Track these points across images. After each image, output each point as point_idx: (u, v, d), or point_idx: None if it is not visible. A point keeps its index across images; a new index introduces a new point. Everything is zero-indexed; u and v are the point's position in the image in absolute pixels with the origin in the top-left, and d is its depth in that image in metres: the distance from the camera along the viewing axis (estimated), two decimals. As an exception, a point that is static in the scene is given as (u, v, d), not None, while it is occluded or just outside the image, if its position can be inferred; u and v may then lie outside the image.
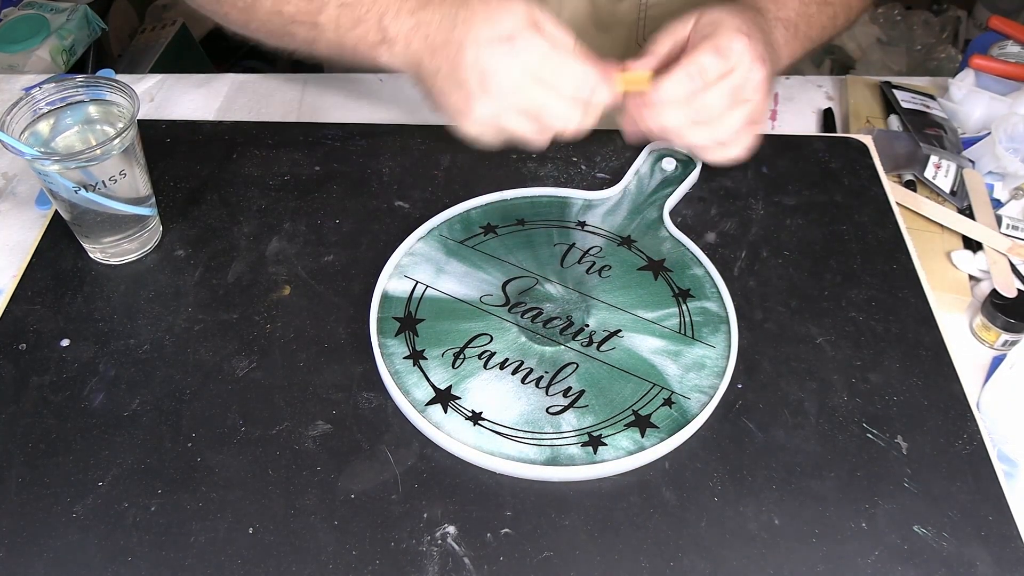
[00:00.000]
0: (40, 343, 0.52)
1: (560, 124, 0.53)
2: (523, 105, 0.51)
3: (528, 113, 0.52)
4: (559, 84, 0.51)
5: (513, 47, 0.49)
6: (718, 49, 0.53)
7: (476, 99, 0.51)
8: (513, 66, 0.50)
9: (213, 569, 0.42)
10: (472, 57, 0.50)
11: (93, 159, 0.51)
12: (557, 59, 0.50)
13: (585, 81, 0.51)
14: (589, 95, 0.52)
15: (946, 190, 0.65)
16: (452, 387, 0.49)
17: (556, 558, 0.43)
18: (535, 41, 0.50)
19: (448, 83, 0.51)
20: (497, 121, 0.52)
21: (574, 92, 0.51)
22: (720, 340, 0.52)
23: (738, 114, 0.55)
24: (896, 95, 0.73)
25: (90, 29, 1.05)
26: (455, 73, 0.51)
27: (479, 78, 0.50)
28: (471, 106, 0.51)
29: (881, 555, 0.43)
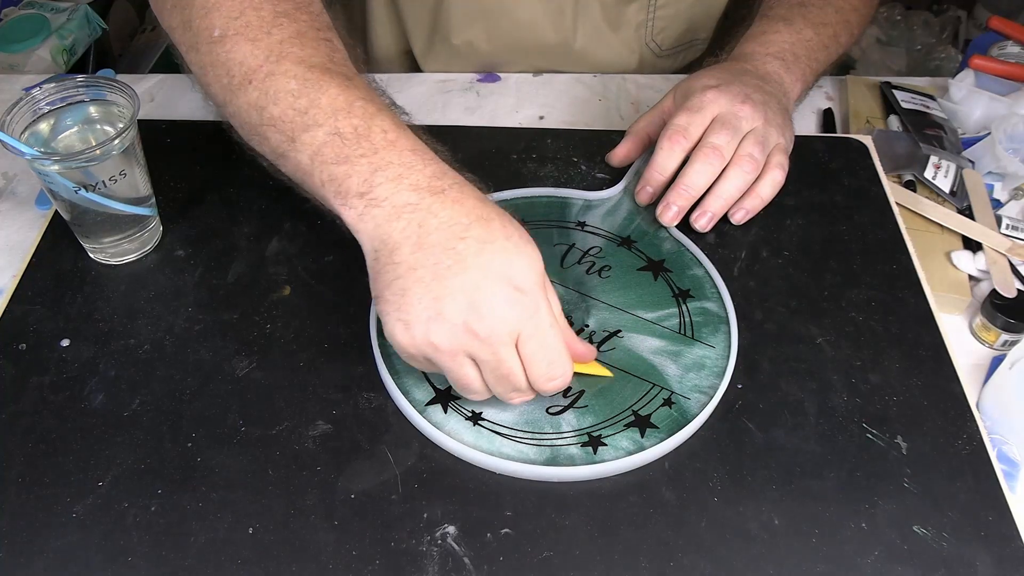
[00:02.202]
0: (40, 343, 0.52)
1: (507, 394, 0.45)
2: (489, 360, 0.43)
3: (488, 369, 0.43)
4: (536, 363, 0.43)
5: (519, 301, 0.42)
6: (689, 109, 0.57)
7: (447, 326, 0.42)
8: (507, 321, 0.42)
9: (213, 569, 0.42)
10: (471, 284, 0.41)
11: (93, 159, 0.51)
12: (550, 339, 0.43)
13: (560, 372, 0.44)
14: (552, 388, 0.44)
15: (946, 190, 0.65)
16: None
17: (556, 558, 0.43)
18: (541, 308, 0.43)
19: (421, 288, 0.42)
20: (452, 358, 0.43)
21: (540, 377, 0.44)
22: (720, 340, 0.52)
23: (750, 141, 0.57)
24: (896, 95, 0.73)
25: (90, 29, 1.04)
26: (438, 285, 0.42)
27: (466, 310, 0.41)
28: (435, 329, 0.42)
29: (881, 555, 0.43)
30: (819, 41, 0.65)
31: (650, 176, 0.58)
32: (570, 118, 0.72)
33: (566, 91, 0.75)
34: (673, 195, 0.57)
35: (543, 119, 0.72)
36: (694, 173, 0.57)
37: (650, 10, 0.77)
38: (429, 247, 0.42)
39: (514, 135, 0.67)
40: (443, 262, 0.42)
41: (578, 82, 0.76)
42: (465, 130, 0.68)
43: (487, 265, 0.42)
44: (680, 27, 0.80)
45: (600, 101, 0.74)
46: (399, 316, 0.43)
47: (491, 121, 0.71)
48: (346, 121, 0.45)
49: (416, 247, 0.43)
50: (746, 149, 0.57)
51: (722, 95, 0.57)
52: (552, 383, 0.44)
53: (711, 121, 0.57)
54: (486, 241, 0.42)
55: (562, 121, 0.71)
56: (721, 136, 0.56)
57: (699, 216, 0.58)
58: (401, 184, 0.44)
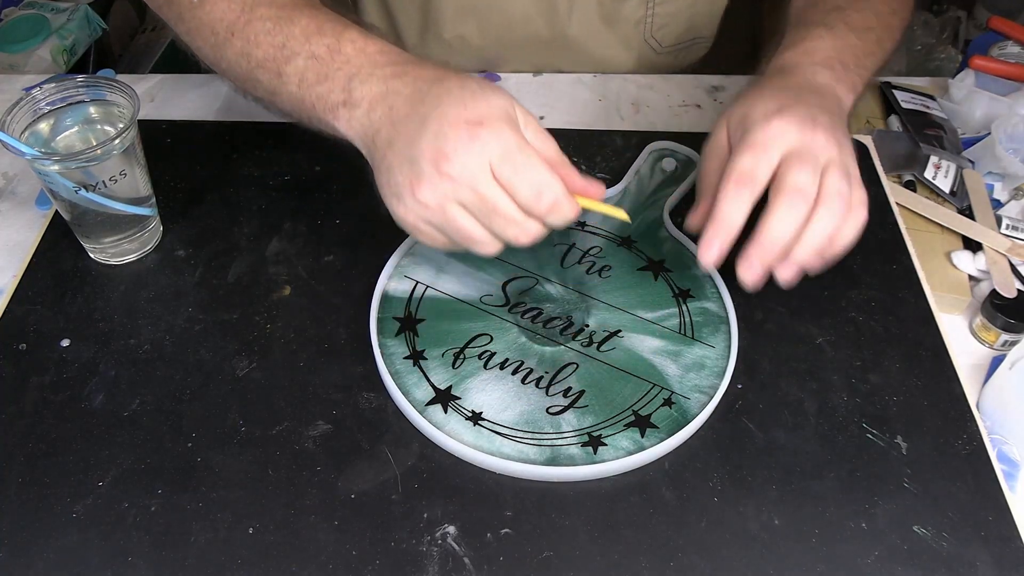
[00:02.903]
0: (40, 343, 0.52)
1: (510, 233, 0.45)
2: (473, 200, 0.44)
3: (477, 210, 0.45)
4: (517, 186, 0.44)
5: (479, 134, 0.43)
6: (753, 147, 0.47)
7: (425, 180, 0.44)
8: (472, 153, 0.43)
9: (213, 569, 0.42)
10: (432, 134, 0.44)
11: (93, 159, 0.51)
12: (522, 158, 0.44)
13: (547, 190, 0.44)
14: (547, 209, 0.45)
15: (946, 190, 0.65)
16: (452, 387, 0.49)
17: (556, 558, 0.43)
18: (505, 133, 0.44)
19: (399, 159, 0.45)
20: (442, 211, 0.45)
21: (530, 199, 0.44)
22: (720, 340, 0.52)
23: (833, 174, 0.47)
24: (896, 95, 0.73)
25: (91, 29, 1.04)
26: (410, 148, 0.44)
27: (434, 158, 0.43)
28: (418, 187, 0.44)
29: (881, 555, 0.43)
30: (864, 47, 0.56)
31: (716, 231, 0.47)
32: (570, 118, 0.72)
33: (566, 91, 0.75)
34: (755, 252, 0.47)
35: (543, 119, 0.72)
36: (778, 223, 0.46)
37: (649, 5, 0.77)
38: (400, 122, 0.46)
39: (514, 135, 0.67)
40: (410, 128, 0.45)
41: (578, 82, 0.76)
42: (465, 130, 0.68)
43: (445, 114, 0.44)
44: (681, 25, 0.80)
45: (600, 101, 0.74)
46: (391, 192, 0.46)
47: (491, 121, 0.71)
48: (319, 43, 0.49)
49: (391, 126, 0.46)
50: (833, 185, 0.46)
51: (789, 124, 0.47)
52: (543, 203, 0.44)
53: (781, 158, 0.47)
54: (442, 95, 0.45)
55: (562, 121, 0.71)
56: (802, 174, 0.46)
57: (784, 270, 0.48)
58: (370, 81, 0.47)
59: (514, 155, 0.44)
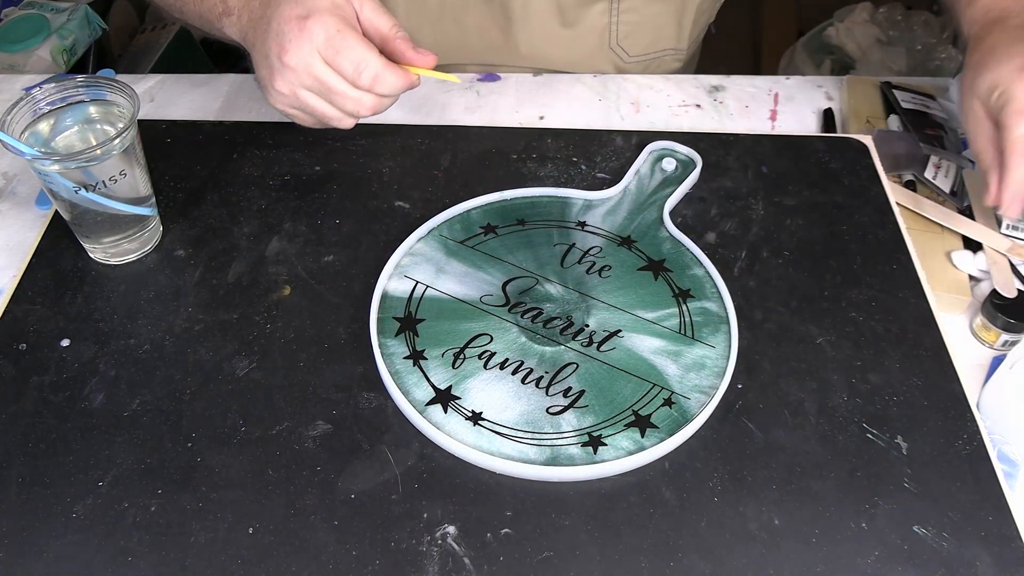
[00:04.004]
0: (40, 343, 0.52)
1: (349, 106, 0.55)
2: (312, 83, 0.53)
3: (319, 91, 0.54)
4: (340, 64, 0.52)
5: (305, 26, 0.52)
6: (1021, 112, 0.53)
7: (276, 73, 0.53)
8: (303, 43, 0.52)
9: (213, 569, 0.42)
10: (274, 32, 0.53)
11: (93, 159, 0.51)
12: (340, 40, 0.52)
13: (364, 65, 0.53)
14: (370, 81, 0.53)
15: (946, 190, 0.65)
16: (452, 387, 0.49)
17: (556, 558, 0.43)
18: (326, 21, 0.52)
19: (259, 56, 0.55)
20: (295, 96, 0.54)
21: (352, 75, 0.53)
22: (720, 340, 0.52)
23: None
24: (896, 95, 0.73)
25: (91, 29, 1.04)
26: (263, 46, 0.54)
27: (278, 52, 0.52)
28: (272, 80, 0.54)
29: (881, 555, 0.43)
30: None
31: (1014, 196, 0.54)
32: (570, 118, 0.72)
33: (566, 91, 0.75)
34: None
35: (543, 119, 0.72)
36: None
37: (613, 14, 0.77)
38: (256, 23, 0.55)
39: (514, 135, 0.67)
40: (261, 28, 0.54)
41: (578, 82, 0.76)
42: (465, 130, 0.68)
43: (281, 14, 0.53)
44: (648, 34, 0.79)
45: (600, 101, 0.74)
46: (261, 85, 0.56)
47: (491, 121, 0.71)
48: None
49: (252, 29, 0.55)
50: None
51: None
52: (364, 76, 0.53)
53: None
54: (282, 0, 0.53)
55: (562, 121, 0.71)
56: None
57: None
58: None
59: (334, 39, 0.52)
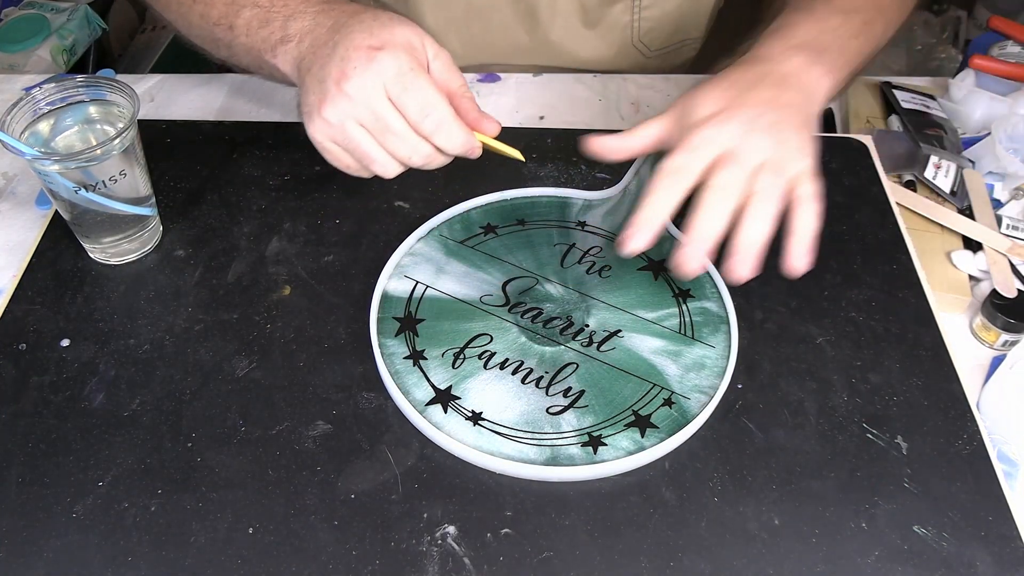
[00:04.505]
0: (40, 343, 0.52)
1: (403, 152, 0.51)
2: (368, 118, 0.50)
3: (373, 128, 0.50)
4: (406, 104, 0.49)
5: (376, 56, 0.49)
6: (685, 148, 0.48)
7: (329, 99, 0.50)
8: (369, 73, 0.49)
9: (213, 569, 0.42)
10: (339, 58, 0.50)
11: (93, 159, 0.51)
12: (412, 79, 0.49)
13: (432, 110, 0.50)
14: (433, 128, 0.50)
15: (946, 190, 0.65)
16: (452, 387, 0.49)
17: (556, 558, 0.43)
18: (400, 58, 0.49)
19: (313, 80, 0.51)
20: (343, 129, 0.50)
21: (417, 117, 0.50)
22: (720, 340, 0.52)
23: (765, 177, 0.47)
24: (896, 95, 0.73)
25: (90, 29, 1.05)
26: (321, 71, 0.51)
27: (337, 78, 0.49)
28: (323, 106, 0.50)
29: (881, 555, 0.43)
30: (848, 29, 0.55)
31: (641, 222, 0.48)
32: (570, 118, 0.72)
33: (566, 91, 0.75)
34: (689, 250, 0.47)
35: (543, 119, 0.72)
36: (702, 220, 0.47)
37: (635, 11, 0.77)
38: (318, 48, 0.52)
39: (514, 135, 0.67)
40: (324, 53, 0.51)
41: (578, 82, 0.76)
42: (465, 130, 0.68)
43: (351, 41, 0.50)
44: (668, 27, 0.79)
45: (600, 101, 0.74)
46: (305, 112, 0.52)
47: (491, 121, 0.71)
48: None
49: (312, 54, 0.52)
50: (762, 183, 0.47)
51: (724, 128, 0.48)
52: (429, 121, 0.50)
53: (713, 160, 0.47)
54: (354, 24, 0.51)
55: (562, 121, 0.71)
56: (726, 175, 0.47)
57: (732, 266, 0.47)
58: (302, 17, 0.54)
59: (405, 76, 0.49)
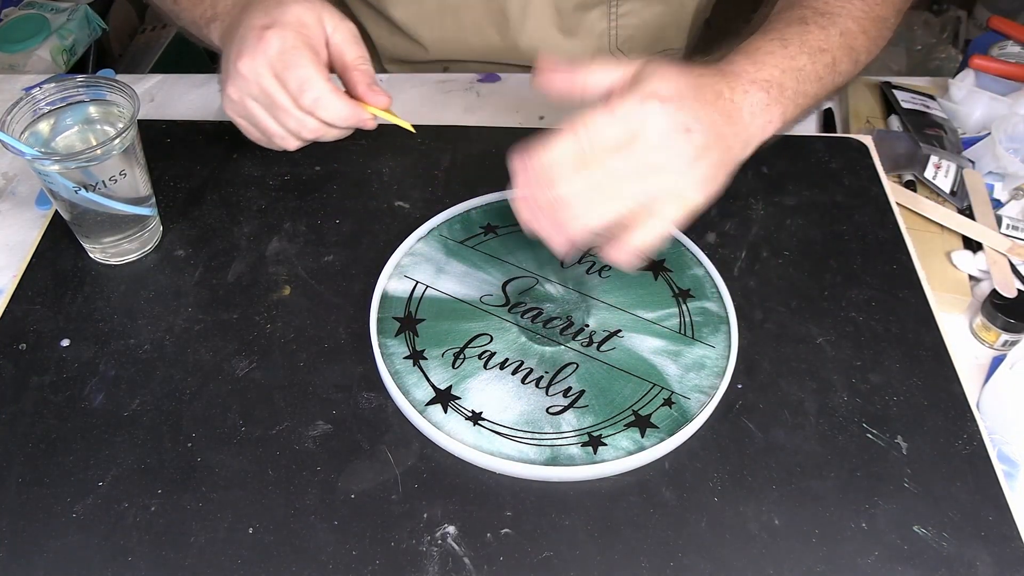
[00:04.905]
0: (40, 343, 0.52)
1: (292, 126, 0.54)
2: (259, 94, 0.52)
3: (264, 104, 0.53)
4: (286, 80, 0.51)
5: (264, 35, 0.51)
6: (614, 112, 0.43)
7: (229, 78, 0.53)
8: (257, 52, 0.51)
9: (213, 569, 0.42)
10: (238, 38, 0.52)
11: (93, 159, 0.51)
12: (292, 55, 0.51)
13: (309, 85, 0.51)
14: (311, 102, 0.52)
15: (946, 190, 0.65)
16: (452, 387, 0.49)
17: (556, 558, 0.43)
18: (284, 35, 0.51)
19: (224, 59, 0.54)
20: (243, 104, 0.53)
21: (295, 92, 0.52)
22: (720, 340, 0.52)
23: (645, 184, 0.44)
24: (896, 95, 0.73)
25: (90, 29, 1.05)
26: (227, 49, 0.53)
27: (234, 58, 0.52)
28: (227, 84, 0.53)
29: (881, 555, 0.43)
30: (813, 71, 0.53)
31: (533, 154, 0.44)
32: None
33: (566, 91, 0.75)
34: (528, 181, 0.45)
35: (543, 119, 0.72)
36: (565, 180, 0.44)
37: (611, 18, 0.76)
38: (231, 29, 0.54)
39: (514, 135, 0.67)
40: (231, 34, 0.53)
41: (578, 82, 0.76)
42: (465, 130, 0.68)
43: (249, 21, 0.52)
44: (647, 36, 0.79)
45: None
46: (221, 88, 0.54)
47: (491, 121, 0.71)
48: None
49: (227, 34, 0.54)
50: (630, 190, 0.44)
51: (662, 115, 0.44)
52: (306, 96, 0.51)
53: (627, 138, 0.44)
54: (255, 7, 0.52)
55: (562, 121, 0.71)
56: (619, 162, 0.44)
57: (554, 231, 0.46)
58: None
59: (287, 54, 0.51)
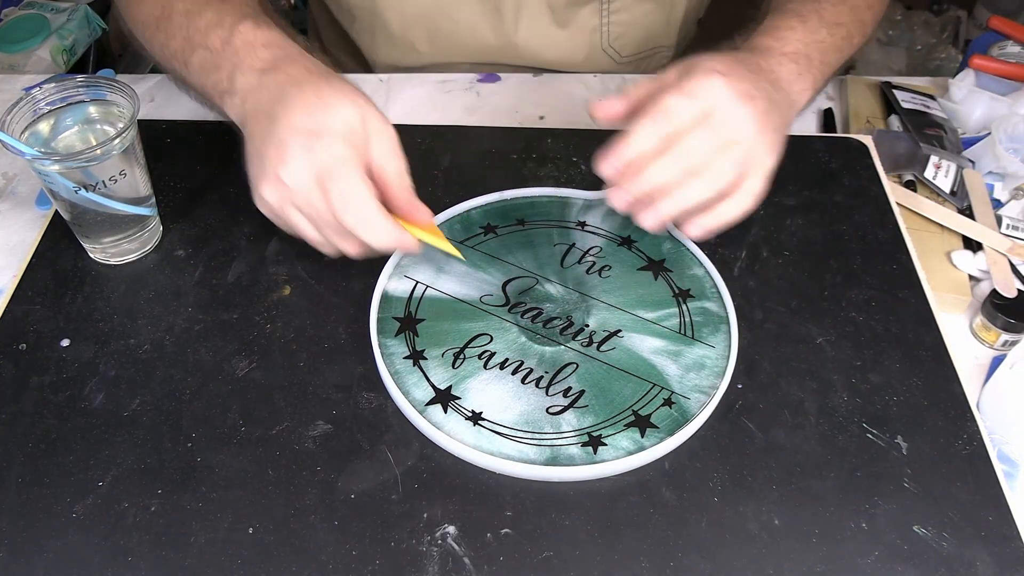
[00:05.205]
0: (40, 343, 0.52)
1: (338, 243, 0.50)
2: (304, 205, 0.48)
3: (308, 216, 0.49)
4: (333, 200, 0.47)
5: (313, 145, 0.46)
6: (684, 90, 0.49)
7: (267, 181, 0.48)
8: (305, 164, 0.47)
9: (213, 569, 0.42)
10: (278, 138, 0.47)
11: (93, 159, 0.51)
12: (344, 174, 0.47)
13: (353, 207, 0.47)
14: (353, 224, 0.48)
15: (946, 190, 0.65)
16: (452, 387, 0.49)
17: (556, 558, 0.43)
18: (336, 148, 0.47)
19: (255, 152, 0.49)
20: (282, 210, 0.49)
21: (340, 214, 0.47)
22: (720, 340, 0.52)
23: (729, 157, 0.49)
24: (896, 95, 0.73)
25: (90, 29, 1.05)
26: (262, 145, 0.48)
27: (276, 162, 0.47)
28: (263, 186, 0.49)
29: (881, 555, 0.43)
30: (832, 43, 0.59)
31: (619, 151, 0.49)
32: (570, 118, 0.72)
33: (566, 91, 0.75)
34: (630, 184, 0.50)
35: (543, 119, 0.72)
36: (657, 168, 0.49)
37: (603, 14, 0.76)
38: (259, 116, 0.49)
39: (514, 135, 0.67)
40: (265, 126, 0.48)
41: (578, 82, 0.76)
42: (465, 130, 0.68)
43: (292, 121, 0.47)
44: (639, 34, 0.79)
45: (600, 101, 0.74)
46: (250, 180, 0.50)
47: (491, 121, 0.71)
48: (215, 35, 0.53)
49: (254, 120, 0.50)
50: (721, 165, 0.49)
51: (726, 86, 0.49)
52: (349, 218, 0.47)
53: (702, 114, 0.48)
54: (295, 102, 0.48)
55: (562, 121, 0.71)
56: (701, 141, 0.48)
57: (647, 213, 0.51)
58: (248, 73, 0.51)
59: (337, 169, 0.47)
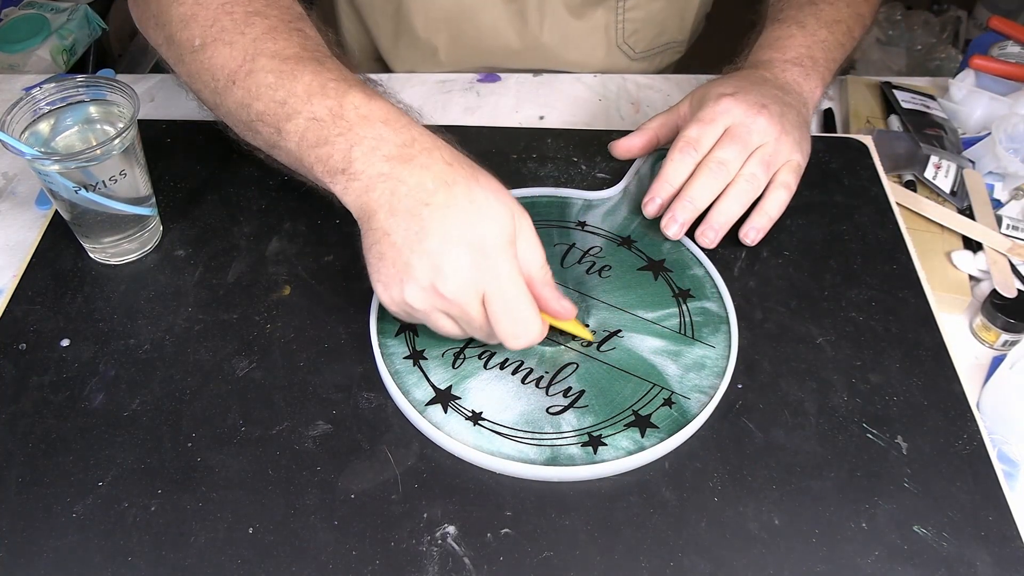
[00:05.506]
0: (40, 343, 0.52)
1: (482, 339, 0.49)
2: (459, 314, 0.46)
3: (459, 320, 0.47)
4: (501, 319, 0.45)
5: (479, 263, 0.44)
6: (701, 120, 0.56)
7: (418, 288, 0.45)
8: (468, 279, 0.44)
9: (213, 569, 0.42)
10: (433, 248, 0.44)
11: (93, 159, 0.51)
12: (510, 291, 0.45)
13: (524, 331, 0.46)
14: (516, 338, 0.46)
15: (946, 190, 0.65)
16: (452, 387, 0.49)
17: (556, 558, 0.43)
18: (500, 266, 0.45)
19: (395, 253, 0.45)
20: (427, 315, 0.47)
21: (507, 335, 0.46)
22: (720, 340, 0.52)
23: (757, 159, 0.56)
24: (896, 95, 0.73)
25: (91, 29, 1.05)
26: (408, 250, 0.45)
27: (431, 273, 0.44)
28: (408, 290, 0.45)
29: (881, 555, 0.43)
30: (834, 40, 0.63)
31: (658, 188, 0.57)
32: (570, 118, 0.72)
33: (566, 91, 0.75)
34: (678, 209, 0.56)
35: (543, 119, 0.72)
36: (697, 187, 0.56)
37: (619, 12, 0.77)
38: (399, 213, 0.45)
39: (514, 135, 0.67)
40: (411, 228, 0.45)
41: (578, 82, 0.76)
42: (465, 130, 0.68)
43: (448, 231, 0.44)
44: (652, 30, 0.79)
45: (600, 101, 0.74)
46: (378, 278, 0.47)
47: (491, 121, 0.72)
48: (321, 104, 0.48)
49: (389, 214, 0.45)
50: (750, 168, 0.56)
51: (737, 104, 0.56)
52: (517, 341, 0.46)
53: (723, 133, 0.56)
54: (448, 206, 0.45)
55: (562, 121, 0.71)
56: (728, 151, 0.55)
57: (704, 231, 0.56)
58: (374, 156, 0.46)
59: (505, 293, 0.45)
